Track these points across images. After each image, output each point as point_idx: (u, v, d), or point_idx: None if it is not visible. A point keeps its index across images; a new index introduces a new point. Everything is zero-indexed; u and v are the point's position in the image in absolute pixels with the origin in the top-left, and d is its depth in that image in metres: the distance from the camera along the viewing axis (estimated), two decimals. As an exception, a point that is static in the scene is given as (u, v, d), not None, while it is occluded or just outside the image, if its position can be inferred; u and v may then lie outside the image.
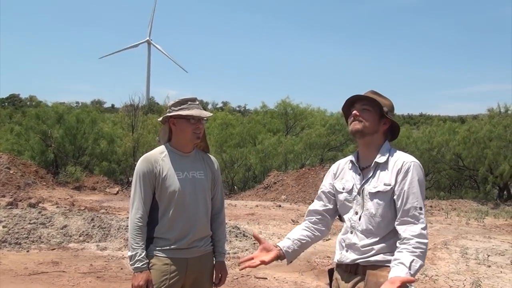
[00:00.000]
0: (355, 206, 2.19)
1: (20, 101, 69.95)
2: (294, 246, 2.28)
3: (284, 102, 25.20)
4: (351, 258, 2.15)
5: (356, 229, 2.16)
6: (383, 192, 2.11)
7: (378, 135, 2.21)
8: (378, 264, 2.09)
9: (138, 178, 2.50)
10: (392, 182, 2.10)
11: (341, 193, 2.26)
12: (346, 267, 2.19)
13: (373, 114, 2.18)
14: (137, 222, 2.44)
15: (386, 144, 2.23)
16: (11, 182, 14.78)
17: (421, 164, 2.16)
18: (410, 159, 2.13)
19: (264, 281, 5.70)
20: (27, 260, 6.21)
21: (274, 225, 10.24)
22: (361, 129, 2.18)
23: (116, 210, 11.38)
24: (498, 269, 6.62)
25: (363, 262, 2.12)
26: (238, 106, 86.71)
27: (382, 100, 2.22)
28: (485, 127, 18.09)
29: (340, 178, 2.31)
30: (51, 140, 19.16)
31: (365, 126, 2.17)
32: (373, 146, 2.21)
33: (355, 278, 2.15)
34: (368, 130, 2.18)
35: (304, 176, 17.47)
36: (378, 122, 2.19)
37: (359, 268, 2.14)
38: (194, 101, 2.56)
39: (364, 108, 2.19)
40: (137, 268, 2.40)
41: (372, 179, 2.16)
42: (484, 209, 14.21)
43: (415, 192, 2.06)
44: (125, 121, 22.64)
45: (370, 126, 2.18)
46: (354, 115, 2.19)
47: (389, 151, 2.20)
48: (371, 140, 2.20)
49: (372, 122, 2.18)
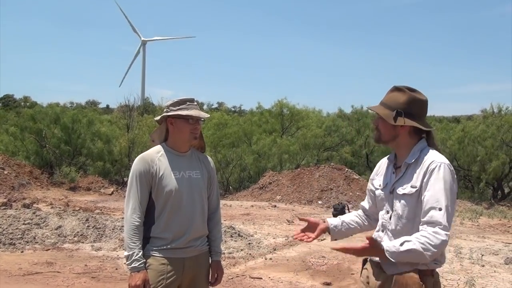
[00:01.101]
0: (387, 205, 2.19)
1: (15, 101, 69.57)
2: (341, 228, 2.39)
3: (280, 103, 25.22)
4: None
5: (386, 228, 2.16)
6: (409, 194, 2.07)
7: (402, 137, 2.16)
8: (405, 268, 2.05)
9: (134, 178, 2.50)
10: (418, 184, 2.06)
11: (377, 189, 2.28)
12: (377, 263, 2.17)
13: (386, 122, 2.16)
14: (133, 221, 2.44)
15: (420, 143, 2.16)
16: (5, 182, 14.71)
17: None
18: (439, 160, 2.06)
19: (259, 281, 5.71)
20: (21, 261, 6.19)
21: (269, 225, 10.25)
22: (377, 139, 2.22)
23: (111, 210, 11.35)
24: (491, 268, 6.66)
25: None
26: (233, 107, 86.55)
27: (394, 99, 2.16)
28: (479, 127, 18.23)
29: (380, 175, 2.32)
30: (46, 140, 19.08)
31: (380, 135, 2.20)
32: (403, 148, 2.18)
33: (383, 277, 2.12)
34: (384, 138, 2.19)
35: (299, 177, 17.49)
36: (394, 127, 2.15)
37: None
38: (192, 101, 2.57)
39: (379, 116, 2.19)
40: (134, 268, 2.39)
41: (402, 179, 2.13)
42: (479, 209, 14.29)
43: (437, 193, 1.99)
44: (120, 121, 22.60)
45: (386, 133, 2.18)
46: (374, 127, 2.24)
47: (421, 151, 2.13)
48: (397, 144, 2.19)
49: (386, 129, 2.17)
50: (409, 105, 2.13)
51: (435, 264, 2.08)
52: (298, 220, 2.49)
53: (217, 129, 23.83)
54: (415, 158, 2.11)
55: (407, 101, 2.14)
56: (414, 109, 2.13)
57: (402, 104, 2.13)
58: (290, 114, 25.33)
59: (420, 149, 2.13)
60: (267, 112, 26.61)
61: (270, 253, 7.31)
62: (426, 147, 2.15)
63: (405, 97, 2.14)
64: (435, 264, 2.08)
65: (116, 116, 24.27)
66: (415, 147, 2.15)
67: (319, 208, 14.41)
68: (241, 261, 6.74)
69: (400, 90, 2.17)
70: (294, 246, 7.97)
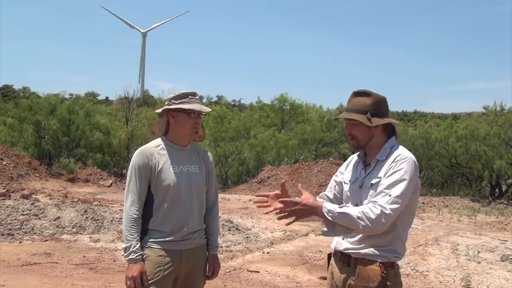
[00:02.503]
0: (355, 198, 2.25)
1: (13, 92, 69.35)
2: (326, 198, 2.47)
3: (282, 97, 25.14)
4: (344, 246, 2.23)
5: None
6: (375, 184, 2.15)
7: (376, 137, 2.24)
8: (367, 258, 2.14)
9: (133, 171, 2.51)
10: (382, 174, 2.14)
11: (346, 184, 2.34)
12: (340, 257, 2.26)
13: (361, 125, 2.22)
14: (131, 214, 2.46)
15: (390, 141, 2.25)
16: (4, 173, 14.71)
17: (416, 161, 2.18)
18: (406, 154, 2.16)
19: (256, 274, 5.74)
20: (19, 251, 6.21)
21: (267, 219, 10.27)
22: (356, 145, 2.26)
23: (110, 202, 11.37)
24: (488, 265, 6.70)
25: (354, 254, 2.18)
26: (233, 100, 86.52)
27: (366, 101, 2.22)
28: (483, 126, 18.25)
29: (349, 170, 2.38)
30: (44, 131, 19.06)
31: (358, 141, 2.24)
32: (375, 147, 2.25)
33: (347, 271, 2.21)
34: (363, 141, 2.24)
35: (297, 171, 17.53)
36: (369, 129, 2.22)
37: (351, 260, 2.20)
38: (194, 95, 2.57)
39: (351, 123, 2.24)
40: (132, 260, 2.41)
41: (371, 174, 2.21)
42: (476, 206, 14.34)
43: (394, 182, 2.06)
44: (119, 113, 22.56)
45: (363, 137, 2.23)
46: (348, 134, 2.27)
47: (391, 148, 2.22)
48: (371, 145, 2.25)
49: (363, 132, 2.22)
50: (377, 105, 2.23)
51: (396, 257, 2.16)
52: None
53: (216, 123, 23.81)
54: (386, 154, 2.20)
55: (374, 102, 2.23)
56: (381, 108, 2.24)
57: (370, 106, 2.22)
58: (290, 109, 25.28)
59: (391, 146, 2.23)
60: (268, 107, 26.55)
61: (267, 247, 7.34)
62: (396, 144, 2.25)
63: (371, 100, 2.23)
64: (396, 257, 2.16)
65: (115, 108, 24.21)
66: (386, 144, 2.24)
67: (317, 203, 14.43)
68: (239, 254, 6.76)
69: (363, 94, 2.26)
70: (292, 240, 8.00)
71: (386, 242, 2.13)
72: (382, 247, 2.12)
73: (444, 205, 14.64)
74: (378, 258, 2.12)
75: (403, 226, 2.17)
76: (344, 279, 2.21)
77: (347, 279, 2.19)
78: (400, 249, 2.17)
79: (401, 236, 2.16)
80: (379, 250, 2.12)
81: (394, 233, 2.13)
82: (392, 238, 2.13)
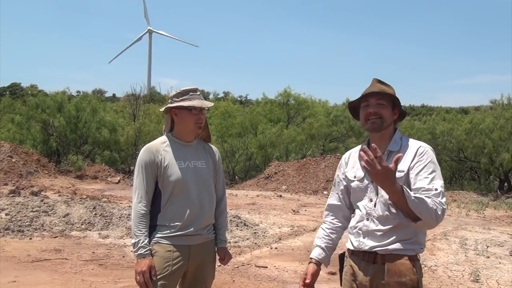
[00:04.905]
0: (369, 193, 2.18)
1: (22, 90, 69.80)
2: (325, 253, 2.36)
3: (286, 92, 25.10)
4: (369, 245, 2.13)
5: (372, 215, 2.15)
6: (399, 179, 2.05)
7: (391, 126, 2.23)
8: (396, 253, 2.08)
9: (140, 168, 2.53)
10: (405, 167, 2.09)
11: (353, 181, 2.27)
12: (364, 255, 2.16)
13: (388, 108, 2.19)
14: (139, 210, 2.48)
15: (397, 133, 2.24)
16: (13, 170, 14.86)
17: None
18: (425, 145, 2.16)
19: (264, 269, 5.76)
20: (30, 248, 6.27)
21: (274, 215, 10.30)
22: (380, 126, 2.17)
23: (118, 199, 11.45)
24: (496, 260, 6.67)
25: (381, 250, 2.10)
26: (239, 96, 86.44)
27: (390, 90, 2.22)
28: (488, 119, 18.11)
29: (351, 166, 2.32)
30: (52, 129, 19.19)
31: (383, 121, 2.18)
32: (386, 136, 2.21)
33: (373, 269, 2.12)
34: (386, 124, 2.19)
35: (305, 167, 17.51)
36: (391, 115, 2.20)
37: (377, 257, 2.11)
38: (195, 91, 2.58)
39: (379, 103, 2.18)
40: (140, 255, 2.43)
41: None
42: (485, 201, 14.26)
43: (433, 177, 2.04)
44: (126, 110, 22.65)
45: (387, 120, 2.19)
46: (371, 113, 2.18)
47: (401, 139, 2.21)
48: (385, 132, 2.21)
49: (388, 116, 2.19)
50: (396, 95, 2.23)
51: (421, 249, 2.14)
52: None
53: (223, 119, 23.84)
54: (398, 146, 2.18)
55: (394, 92, 2.23)
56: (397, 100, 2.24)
57: (394, 94, 2.22)
58: (296, 104, 25.23)
59: (400, 138, 2.22)
60: (272, 102, 26.53)
61: (275, 243, 7.35)
62: (403, 136, 2.24)
63: (392, 89, 2.23)
64: (421, 249, 2.14)
65: (122, 105, 24.32)
66: (395, 135, 2.22)
67: (325, 198, 14.43)
68: (247, 250, 6.78)
69: (384, 83, 2.24)
70: (299, 235, 8.01)
71: (411, 235, 2.08)
72: (408, 240, 2.07)
73: (453, 199, 14.57)
74: (406, 252, 2.07)
75: None
76: (371, 278, 2.12)
77: (375, 277, 2.11)
78: (423, 240, 2.15)
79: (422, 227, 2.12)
80: (406, 243, 2.08)
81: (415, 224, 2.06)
82: (414, 229, 2.08)
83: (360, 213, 2.22)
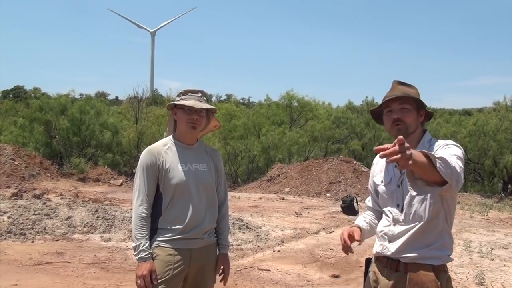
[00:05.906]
0: (395, 199, 2.12)
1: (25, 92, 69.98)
2: (367, 226, 2.30)
3: (288, 94, 25.10)
4: (392, 250, 2.08)
5: (398, 221, 2.09)
6: None
7: (419, 128, 2.15)
8: (419, 262, 2.01)
9: (141, 170, 2.51)
10: None
11: (379, 185, 2.22)
12: (387, 263, 2.12)
13: (413, 112, 2.10)
14: (140, 213, 2.46)
15: (426, 135, 2.15)
16: (16, 173, 14.87)
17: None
18: (451, 141, 2.05)
19: (267, 272, 5.72)
20: (32, 251, 6.26)
21: (277, 217, 10.26)
22: (405, 131, 2.06)
23: (120, 201, 11.43)
24: (501, 262, 6.62)
25: (403, 258, 2.04)
26: (242, 99, 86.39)
27: (413, 91, 2.13)
28: (492, 121, 18.06)
29: (379, 171, 2.27)
30: (55, 131, 19.21)
31: (408, 127, 2.09)
32: (413, 140, 2.11)
33: (395, 277, 2.07)
34: (412, 129, 2.10)
35: (307, 169, 17.47)
36: (417, 118, 2.12)
37: (400, 266, 2.06)
38: (195, 92, 2.57)
39: (403, 107, 2.09)
40: (141, 258, 2.41)
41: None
42: (488, 203, 14.19)
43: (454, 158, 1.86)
44: (129, 113, 22.67)
45: (413, 125, 2.10)
46: (395, 119, 2.09)
47: (429, 142, 2.11)
48: (412, 136, 2.12)
49: (414, 120, 2.10)
50: (419, 96, 2.14)
51: (448, 257, 2.05)
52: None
53: (226, 121, 23.83)
54: (426, 149, 2.03)
55: (417, 93, 2.15)
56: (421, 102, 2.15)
57: (418, 96, 2.12)
58: (298, 106, 25.21)
59: (428, 141, 2.12)
60: (275, 104, 26.52)
61: (278, 245, 7.32)
62: (432, 138, 2.14)
63: (414, 90, 2.15)
64: (448, 257, 2.05)
65: (125, 108, 24.35)
66: (424, 138, 2.13)
67: (328, 201, 14.39)
68: (249, 253, 6.75)
69: (407, 85, 2.16)
70: (302, 238, 7.98)
71: (434, 238, 2.01)
72: (432, 245, 2.00)
73: (456, 201, 14.50)
74: (430, 261, 1.99)
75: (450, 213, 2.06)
76: (393, 286, 2.07)
77: (396, 285, 2.05)
78: (450, 244, 2.06)
79: (448, 230, 2.06)
80: (429, 250, 2.00)
81: (441, 226, 2.02)
82: (439, 232, 2.02)
83: (386, 218, 2.18)
